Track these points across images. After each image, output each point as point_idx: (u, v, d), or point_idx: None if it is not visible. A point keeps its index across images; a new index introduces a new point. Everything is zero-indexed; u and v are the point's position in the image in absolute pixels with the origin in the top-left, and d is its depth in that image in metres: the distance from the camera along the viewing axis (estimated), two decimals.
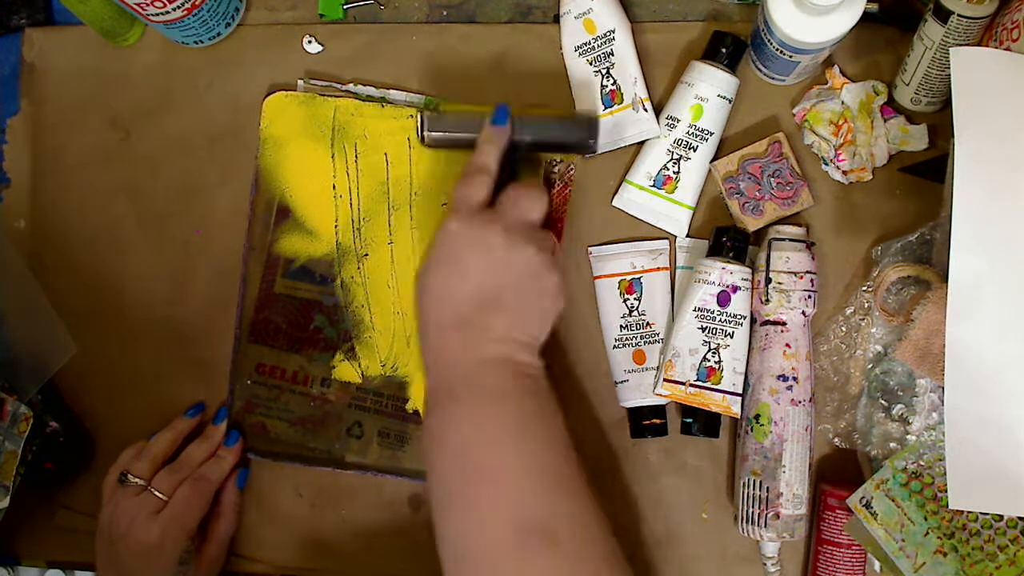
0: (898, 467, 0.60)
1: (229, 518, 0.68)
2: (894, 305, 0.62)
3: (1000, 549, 0.57)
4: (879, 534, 0.59)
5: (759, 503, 0.62)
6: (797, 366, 0.62)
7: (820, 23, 0.57)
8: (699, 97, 0.64)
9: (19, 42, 0.74)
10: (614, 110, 0.66)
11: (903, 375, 0.61)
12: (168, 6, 0.65)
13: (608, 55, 0.66)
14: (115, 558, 0.63)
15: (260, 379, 0.69)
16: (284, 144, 0.69)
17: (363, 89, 0.70)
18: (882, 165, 0.65)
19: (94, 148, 0.73)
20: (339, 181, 0.69)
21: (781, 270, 0.62)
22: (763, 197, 0.65)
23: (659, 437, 0.66)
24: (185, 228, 0.72)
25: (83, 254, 0.73)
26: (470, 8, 0.71)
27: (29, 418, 0.67)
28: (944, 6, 0.57)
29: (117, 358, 0.72)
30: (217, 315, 0.71)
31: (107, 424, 0.72)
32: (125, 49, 0.73)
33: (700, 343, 0.63)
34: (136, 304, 0.72)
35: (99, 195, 0.73)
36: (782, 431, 0.61)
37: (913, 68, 0.62)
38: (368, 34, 0.71)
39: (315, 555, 0.70)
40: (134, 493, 0.64)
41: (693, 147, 0.65)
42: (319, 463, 0.69)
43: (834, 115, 0.64)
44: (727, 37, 0.64)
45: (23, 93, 0.74)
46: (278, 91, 0.70)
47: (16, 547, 0.72)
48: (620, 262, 0.67)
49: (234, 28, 0.71)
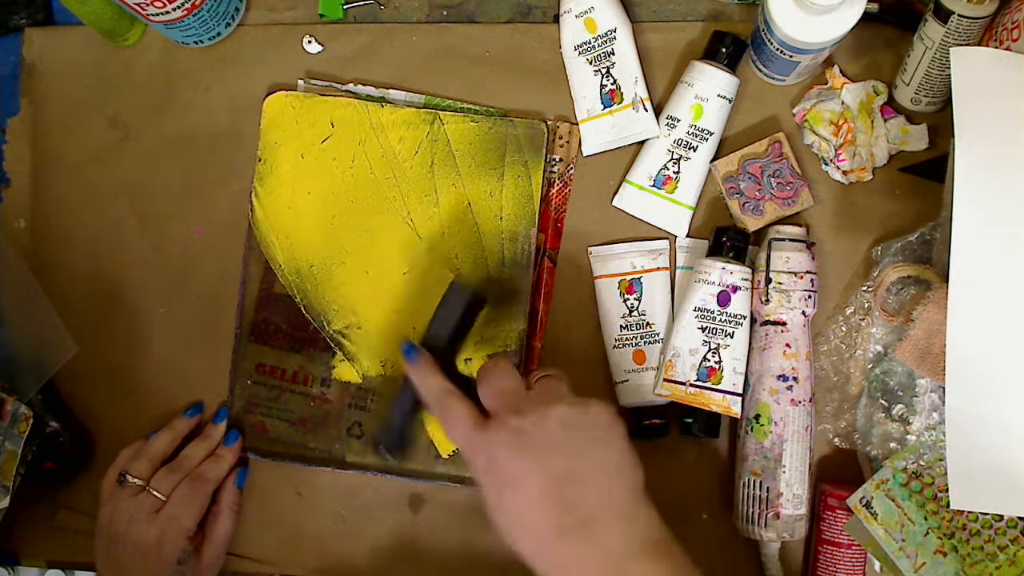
0: (898, 467, 0.60)
1: (228, 517, 0.68)
2: (894, 305, 0.62)
3: (1000, 549, 0.57)
4: (879, 534, 0.59)
5: (759, 503, 0.62)
6: (797, 366, 0.62)
7: (820, 23, 0.57)
8: (699, 97, 0.64)
9: (19, 42, 0.74)
10: (614, 110, 0.66)
11: (903, 375, 0.61)
12: (168, 6, 0.65)
13: (609, 54, 0.66)
14: (114, 558, 0.63)
15: (260, 379, 0.69)
16: (284, 144, 0.69)
17: (363, 89, 0.70)
18: (882, 165, 0.65)
19: (94, 148, 0.73)
20: (338, 180, 0.69)
21: (781, 270, 0.62)
22: (763, 197, 0.65)
23: (659, 437, 0.66)
24: (185, 228, 0.72)
25: (83, 254, 0.73)
26: (470, 8, 0.71)
27: (29, 418, 0.67)
28: (944, 6, 0.57)
29: (117, 358, 0.72)
30: (217, 315, 0.71)
31: (107, 424, 0.72)
32: (125, 49, 0.73)
33: (700, 343, 0.63)
34: (136, 304, 0.72)
35: (99, 195, 0.73)
36: (782, 431, 0.61)
37: (913, 68, 0.62)
38: (368, 34, 0.71)
39: (315, 555, 0.70)
40: (132, 493, 0.64)
41: (693, 147, 0.65)
42: (319, 463, 0.69)
43: (834, 115, 0.64)
44: (727, 37, 0.64)
45: (23, 93, 0.74)
46: (278, 91, 0.70)
47: (16, 547, 0.72)
48: (620, 262, 0.67)
49: (234, 28, 0.71)
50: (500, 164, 0.68)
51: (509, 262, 0.67)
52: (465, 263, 0.68)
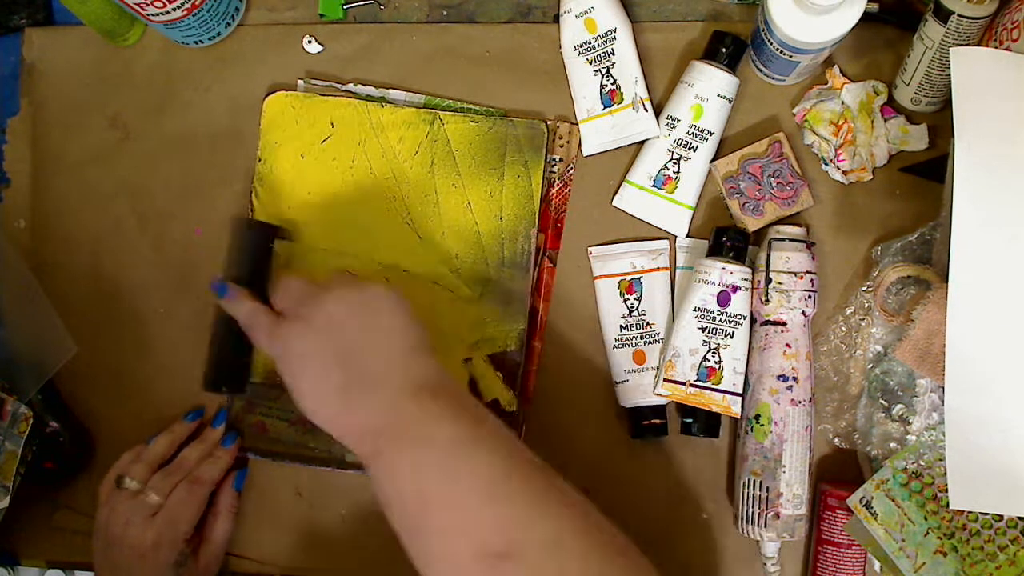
0: (898, 467, 0.60)
1: (226, 520, 0.68)
2: (894, 305, 0.62)
3: (1000, 549, 0.57)
4: (879, 534, 0.59)
5: (759, 503, 0.62)
6: (797, 366, 0.62)
7: (820, 23, 0.57)
8: (699, 97, 0.64)
9: (19, 42, 0.74)
10: (614, 110, 0.66)
11: (903, 375, 0.61)
12: (168, 6, 0.65)
13: (609, 54, 0.66)
14: (111, 561, 0.63)
15: (260, 378, 0.69)
16: (284, 144, 0.69)
17: (363, 89, 0.70)
18: (882, 165, 0.65)
19: (94, 148, 0.73)
20: (338, 180, 0.69)
21: (781, 270, 0.62)
22: (763, 197, 0.65)
23: (659, 437, 0.66)
24: (185, 228, 0.72)
25: (83, 254, 0.73)
26: (470, 8, 0.71)
27: (29, 418, 0.67)
28: (944, 6, 0.57)
29: (117, 358, 0.72)
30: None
31: (107, 424, 0.72)
32: (125, 49, 0.73)
33: (700, 343, 0.63)
34: (136, 304, 0.72)
35: (99, 195, 0.73)
36: (782, 431, 0.61)
37: (913, 68, 0.62)
38: (368, 34, 0.71)
39: (315, 555, 0.70)
40: (130, 496, 0.64)
41: (693, 147, 0.65)
42: (319, 463, 0.69)
43: (834, 115, 0.64)
44: (727, 37, 0.64)
45: (23, 93, 0.74)
46: (278, 91, 0.70)
47: (16, 547, 0.72)
48: (620, 262, 0.67)
49: (234, 28, 0.71)
50: (500, 164, 0.68)
51: (509, 262, 0.67)
52: (465, 263, 0.68)
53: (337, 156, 0.69)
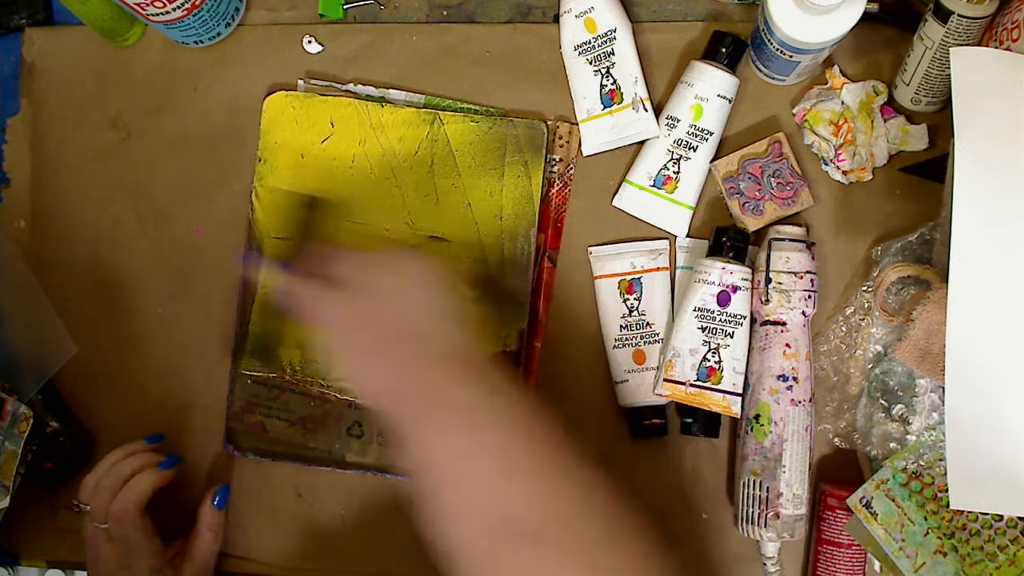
0: (898, 467, 0.60)
1: (206, 537, 0.67)
2: (894, 305, 0.62)
3: (1000, 549, 0.57)
4: (879, 534, 0.59)
5: (759, 503, 0.62)
6: (797, 366, 0.62)
7: (820, 23, 0.57)
8: (699, 97, 0.64)
9: (19, 42, 0.74)
10: (614, 110, 0.66)
11: (903, 375, 0.61)
12: (168, 6, 0.65)
13: (609, 54, 0.66)
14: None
15: (260, 378, 0.69)
16: (284, 144, 0.69)
17: (363, 89, 0.70)
18: (882, 165, 0.65)
19: (94, 148, 0.73)
20: (339, 180, 0.69)
21: (781, 270, 0.62)
22: (763, 197, 0.65)
23: (659, 437, 0.66)
24: (185, 228, 0.72)
25: (83, 254, 0.73)
26: (470, 8, 0.71)
27: (29, 418, 0.67)
28: (944, 6, 0.57)
29: (117, 358, 0.72)
30: (217, 315, 0.71)
31: (107, 424, 0.72)
32: (125, 49, 0.73)
33: (700, 343, 0.63)
34: (136, 304, 0.72)
35: (99, 195, 0.73)
36: (782, 431, 0.61)
37: (913, 68, 0.62)
38: (368, 34, 0.71)
39: (315, 555, 0.70)
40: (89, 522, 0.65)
41: (693, 147, 0.65)
42: (319, 463, 0.69)
43: (834, 115, 0.64)
44: (727, 37, 0.64)
45: (23, 93, 0.74)
46: (278, 91, 0.70)
47: (16, 547, 0.72)
48: (620, 262, 0.67)
49: (234, 28, 0.71)
50: (500, 164, 0.68)
51: (509, 262, 0.67)
52: (465, 263, 0.68)
53: (337, 156, 0.69)
